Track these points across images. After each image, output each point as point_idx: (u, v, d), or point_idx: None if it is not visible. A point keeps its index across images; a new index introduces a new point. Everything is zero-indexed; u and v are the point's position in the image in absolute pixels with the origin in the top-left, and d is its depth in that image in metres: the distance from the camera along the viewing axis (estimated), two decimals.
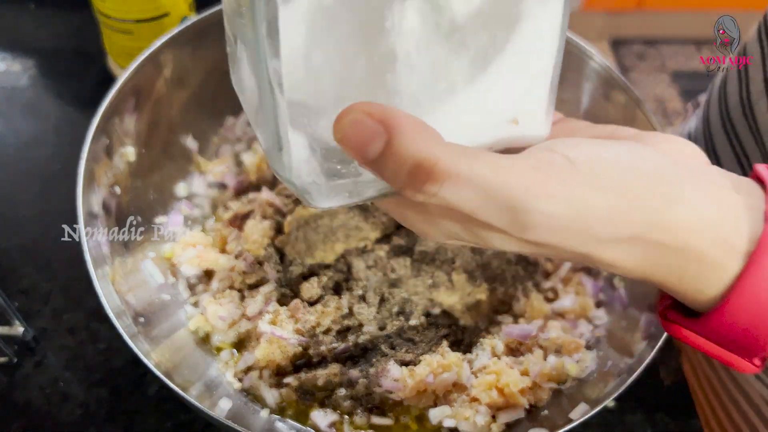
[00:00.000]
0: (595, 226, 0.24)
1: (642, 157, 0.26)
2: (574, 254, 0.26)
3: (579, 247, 0.25)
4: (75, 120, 0.61)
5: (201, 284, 0.50)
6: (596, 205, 0.24)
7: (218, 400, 0.43)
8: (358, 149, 0.23)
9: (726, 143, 0.51)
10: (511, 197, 0.23)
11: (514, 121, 0.27)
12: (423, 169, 0.23)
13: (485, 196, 0.23)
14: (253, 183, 0.54)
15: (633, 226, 0.25)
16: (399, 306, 0.48)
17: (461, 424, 0.43)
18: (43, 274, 0.53)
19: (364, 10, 0.23)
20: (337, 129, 0.23)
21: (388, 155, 0.23)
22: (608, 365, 0.44)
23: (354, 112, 0.23)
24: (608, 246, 0.25)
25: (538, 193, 0.24)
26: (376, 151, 0.23)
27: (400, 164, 0.23)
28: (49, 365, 0.49)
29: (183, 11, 0.59)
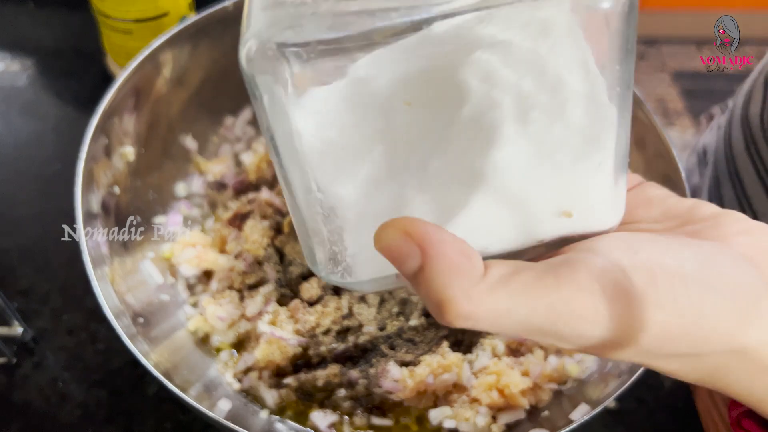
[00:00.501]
0: (651, 344, 0.23)
1: (715, 267, 0.23)
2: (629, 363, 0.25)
3: (633, 359, 0.24)
4: (74, 120, 0.61)
5: (200, 284, 0.50)
6: (654, 324, 0.22)
7: (217, 401, 0.43)
8: (396, 264, 0.23)
9: (749, 164, 0.51)
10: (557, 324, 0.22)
11: (565, 214, 0.25)
12: (451, 308, 0.22)
13: (527, 326, 0.22)
14: (253, 183, 0.54)
15: (697, 344, 0.23)
16: (399, 306, 0.47)
17: (461, 425, 0.43)
18: (42, 274, 0.53)
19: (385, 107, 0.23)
20: (377, 240, 0.23)
21: (421, 281, 0.22)
22: (609, 366, 0.44)
23: (394, 228, 0.22)
24: (668, 359, 0.24)
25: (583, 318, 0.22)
26: (411, 269, 0.22)
27: (428, 294, 0.22)
28: (48, 366, 0.49)
29: (182, 11, 0.58)
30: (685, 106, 1.65)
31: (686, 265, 0.23)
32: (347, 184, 0.24)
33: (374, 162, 0.24)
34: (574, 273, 0.22)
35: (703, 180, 0.60)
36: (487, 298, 0.22)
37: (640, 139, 0.47)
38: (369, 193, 0.24)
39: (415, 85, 0.23)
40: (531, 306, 0.22)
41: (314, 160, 0.24)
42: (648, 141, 0.47)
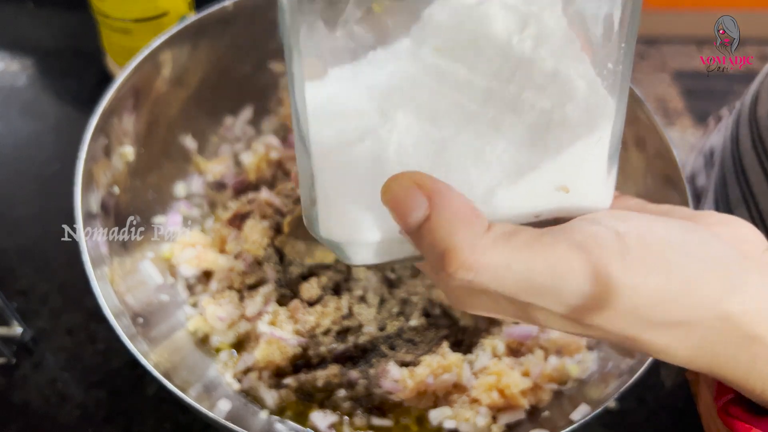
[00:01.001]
0: (642, 308, 0.23)
1: (699, 239, 0.24)
2: (621, 337, 0.24)
3: (625, 329, 0.24)
4: (73, 119, 0.61)
5: (200, 285, 0.50)
6: (644, 286, 0.23)
7: (217, 401, 0.43)
8: (400, 215, 0.23)
9: (756, 164, 0.51)
10: (554, 279, 0.23)
11: (563, 189, 0.25)
12: (454, 256, 0.22)
13: (525, 281, 0.23)
14: (253, 183, 0.54)
15: (685, 310, 0.24)
16: (399, 306, 0.47)
17: (461, 426, 0.43)
18: (41, 274, 0.53)
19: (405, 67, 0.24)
20: (385, 191, 0.23)
21: (426, 231, 0.23)
22: (609, 366, 0.44)
23: (404, 179, 0.23)
24: (658, 330, 0.24)
25: (581, 274, 0.23)
26: (416, 221, 0.23)
27: (433, 244, 0.23)
28: (47, 366, 0.49)
29: (182, 10, 0.58)
30: (685, 106, 1.65)
31: (674, 234, 0.24)
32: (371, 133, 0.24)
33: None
34: (572, 233, 0.23)
35: (710, 181, 0.60)
36: (490, 250, 0.22)
37: (640, 138, 0.47)
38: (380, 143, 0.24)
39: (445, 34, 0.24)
40: (531, 261, 0.23)
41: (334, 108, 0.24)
42: (648, 141, 0.47)
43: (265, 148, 0.55)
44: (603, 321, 0.24)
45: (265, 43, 0.54)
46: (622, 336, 0.24)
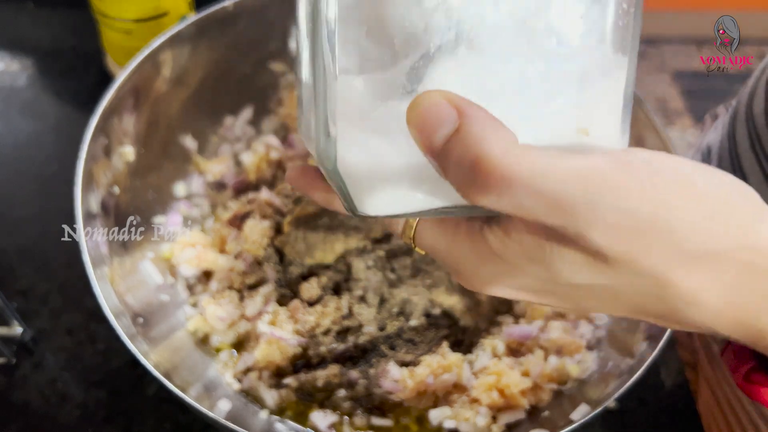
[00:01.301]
0: (680, 232, 0.22)
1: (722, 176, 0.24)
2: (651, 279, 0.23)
3: (658, 264, 0.22)
4: (74, 119, 0.61)
5: (200, 284, 0.50)
6: (679, 209, 0.22)
7: (217, 401, 0.43)
8: (427, 133, 0.22)
9: (754, 163, 0.51)
10: (589, 193, 0.21)
11: (583, 131, 0.25)
12: (487, 163, 0.21)
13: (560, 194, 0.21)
14: (253, 183, 0.54)
15: (717, 238, 0.22)
16: (399, 306, 0.47)
17: (461, 425, 0.43)
18: (41, 274, 0.53)
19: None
20: (412, 108, 0.22)
21: (455, 143, 0.22)
22: (609, 366, 0.44)
23: (433, 94, 0.22)
24: (690, 266, 0.22)
25: (616, 188, 0.21)
26: (444, 135, 0.22)
27: (464, 155, 0.21)
28: (47, 366, 0.49)
29: (182, 10, 0.58)
30: (685, 105, 1.65)
31: (698, 168, 0.23)
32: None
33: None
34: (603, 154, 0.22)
35: None
36: (524, 158, 0.21)
37: (640, 138, 0.47)
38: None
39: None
40: (565, 172, 0.21)
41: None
42: (648, 140, 0.47)
43: (265, 148, 0.55)
44: (639, 250, 0.22)
45: (265, 43, 0.54)
46: (652, 277, 0.23)
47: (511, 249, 0.25)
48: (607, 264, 0.23)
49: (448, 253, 0.27)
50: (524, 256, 0.24)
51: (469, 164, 0.21)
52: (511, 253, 0.25)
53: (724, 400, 0.54)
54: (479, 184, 0.22)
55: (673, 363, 0.51)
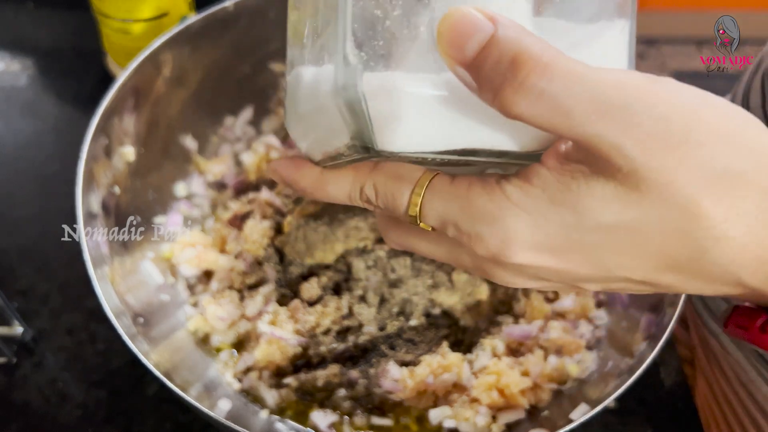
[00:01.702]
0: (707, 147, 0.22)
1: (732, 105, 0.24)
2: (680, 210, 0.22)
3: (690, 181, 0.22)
4: (74, 120, 0.61)
5: (200, 284, 0.50)
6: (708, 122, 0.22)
7: (218, 401, 0.43)
8: (460, 43, 0.22)
9: None
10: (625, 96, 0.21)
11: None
12: (527, 58, 0.21)
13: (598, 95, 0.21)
14: (253, 183, 0.54)
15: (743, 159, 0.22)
16: (399, 306, 0.47)
17: (461, 425, 0.43)
18: (42, 274, 0.53)
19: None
20: (445, 20, 0.22)
21: (492, 47, 0.21)
22: (609, 365, 0.44)
23: (465, 7, 0.22)
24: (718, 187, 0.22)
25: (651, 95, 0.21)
26: (478, 42, 0.21)
27: (502, 56, 0.21)
28: (47, 366, 0.49)
29: (182, 11, 0.58)
30: None
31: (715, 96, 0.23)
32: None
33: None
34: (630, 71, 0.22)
35: None
36: (563, 58, 0.21)
37: None
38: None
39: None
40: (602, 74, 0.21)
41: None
42: None
43: (265, 148, 0.55)
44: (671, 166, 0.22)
45: (266, 43, 0.54)
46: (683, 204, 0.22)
47: (533, 196, 0.24)
48: (639, 192, 0.22)
49: (463, 217, 0.25)
50: (548, 200, 0.24)
51: (507, 63, 0.21)
52: (534, 201, 0.24)
53: (721, 395, 0.54)
54: (517, 80, 0.21)
55: (672, 363, 0.51)
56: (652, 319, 0.43)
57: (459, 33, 0.22)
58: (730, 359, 0.52)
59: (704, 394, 0.55)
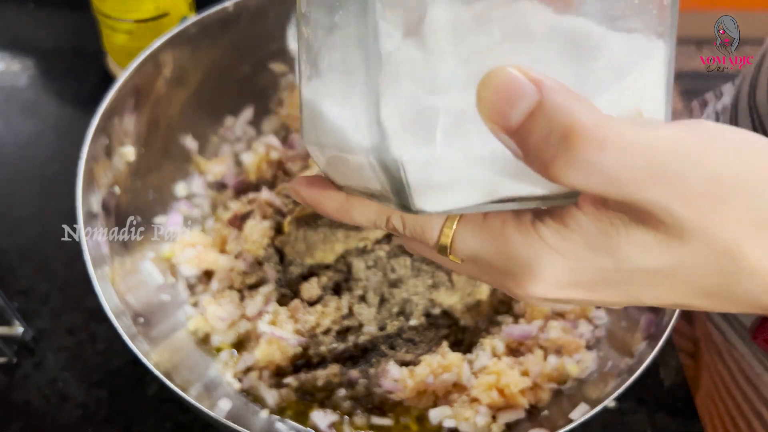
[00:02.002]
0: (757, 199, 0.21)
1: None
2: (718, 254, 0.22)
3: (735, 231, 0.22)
4: (74, 120, 0.61)
5: (200, 284, 0.50)
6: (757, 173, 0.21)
7: (218, 401, 0.43)
8: (504, 110, 0.20)
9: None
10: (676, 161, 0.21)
11: (638, 112, 0.24)
12: (581, 132, 0.20)
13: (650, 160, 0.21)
14: (253, 183, 0.54)
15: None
16: (399, 306, 0.47)
17: (461, 425, 0.43)
18: (42, 274, 0.53)
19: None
20: (485, 85, 0.21)
21: (539, 117, 0.20)
22: (608, 365, 0.44)
23: (507, 68, 0.20)
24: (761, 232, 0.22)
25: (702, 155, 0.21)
26: (524, 111, 0.20)
27: (552, 127, 0.20)
28: (48, 365, 0.49)
29: (183, 11, 0.58)
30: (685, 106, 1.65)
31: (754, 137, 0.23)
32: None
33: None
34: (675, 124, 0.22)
35: None
36: (615, 127, 0.20)
37: None
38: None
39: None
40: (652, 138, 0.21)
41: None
42: None
43: (265, 148, 0.55)
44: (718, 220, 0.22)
45: (266, 43, 0.54)
46: (724, 249, 0.22)
47: (570, 241, 0.23)
48: (681, 240, 0.22)
49: (496, 256, 0.25)
50: (586, 246, 0.23)
51: (559, 136, 0.20)
52: (570, 245, 0.24)
53: (724, 389, 0.54)
54: (571, 155, 0.20)
55: (672, 363, 0.51)
56: (652, 319, 0.43)
57: (502, 99, 0.21)
58: (736, 354, 0.52)
59: (706, 390, 0.55)
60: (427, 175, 0.23)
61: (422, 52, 0.22)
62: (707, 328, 0.56)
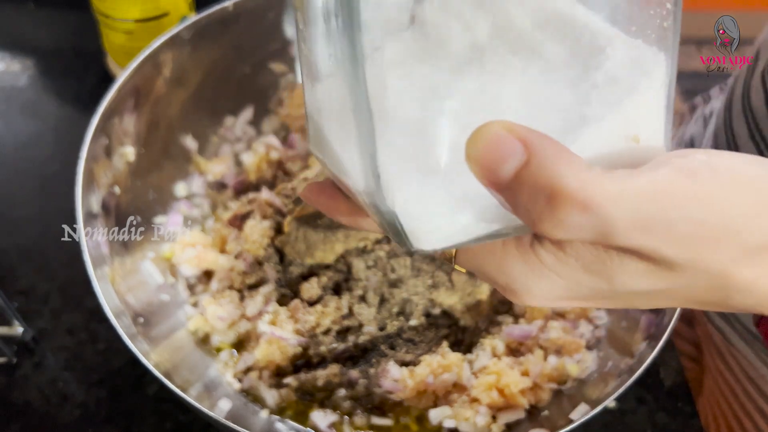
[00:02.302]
0: (745, 232, 0.22)
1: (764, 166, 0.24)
2: (710, 278, 0.23)
3: (724, 262, 0.23)
4: (74, 120, 0.61)
5: (200, 284, 0.50)
6: (744, 208, 0.22)
7: (218, 401, 0.43)
8: (491, 168, 0.21)
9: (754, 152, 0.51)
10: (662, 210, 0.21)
11: (634, 138, 0.24)
12: (566, 195, 0.20)
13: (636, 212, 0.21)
14: (253, 183, 0.54)
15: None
16: (399, 306, 0.47)
17: (461, 425, 0.43)
18: (42, 274, 0.53)
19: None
20: (472, 142, 0.21)
21: (525, 176, 0.21)
22: (609, 365, 0.44)
23: (493, 126, 0.21)
24: (753, 259, 0.23)
25: (688, 199, 0.21)
26: (510, 170, 0.21)
27: (537, 188, 0.21)
28: (48, 365, 0.49)
29: (182, 11, 0.58)
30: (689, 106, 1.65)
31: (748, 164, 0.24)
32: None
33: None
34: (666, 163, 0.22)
35: None
36: (600, 181, 0.21)
37: None
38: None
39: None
40: (638, 188, 0.21)
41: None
42: None
43: (265, 148, 0.55)
44: (707, 255, 0.22)
45: (266, 43, 0.54)
46: (715, 275, 0.23)
47: (567, 264, 0.24)
48: (672, 270, 0.23)
49: (497, 272, 0.26)
50: (582, 269, 0.24)
51: (544, 198, 0.21)
52: (568, 269, 0.24)
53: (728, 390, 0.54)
54: (556, 217, 0.21)
55: (672, 363, 0.51)
56: (652, 319, 0.43)
57: (489, 157, 0.21)
58: (738, 355, 0.52)
59: (709, 392, 0.55)
60: (422, 223, 0.23)
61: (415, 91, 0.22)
62: (708, 330, 0.56)
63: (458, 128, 0.22)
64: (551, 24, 0.23)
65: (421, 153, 0.22)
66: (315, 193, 0.29)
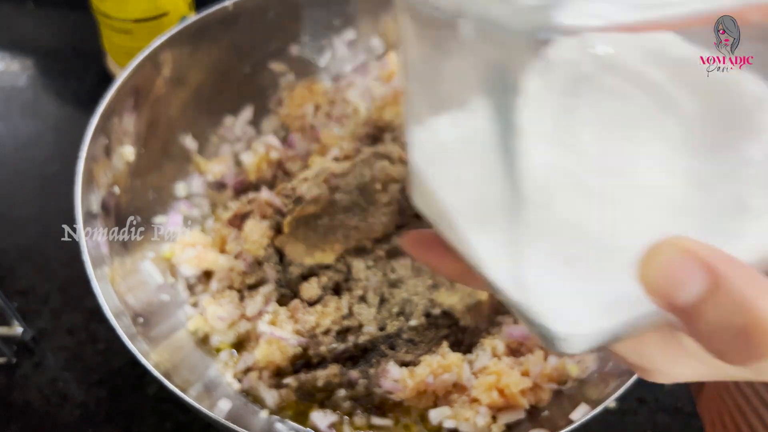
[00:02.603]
0: None
1: None
2: None
3: None
4: (74, 120, 0.61)
5: (200, 284, 0.50)
6: None
7: (217, 401, 0.43)
8: (667, 294, 0.19)
9: None
10: None
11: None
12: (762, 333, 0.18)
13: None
14: (253, 183, 0.54)
15: None
16: (399, 306, 0.47)
17: (461, 425, 0.43)
18: (42, 274, 0.53)
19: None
20: (647, 264, 0.19)
21: (711, 307, 0.18)
22: (609, 366, 0.44)
23: (671, 249, 0.18)
24: None
25: None
26: (690, 297, 0.18)
27: (726, 322, 0.18)
28: (48, 366, 0.49)
29: (182, 11, 0.58)
30: None
31: None
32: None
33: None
34: None
35: None
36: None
37: None
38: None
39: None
40: None
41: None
42: None
43: (265, 148, 0.55)
44: None
45: (266, 43, 0.54)
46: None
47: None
48: None
49: (629, 352, 0.24)
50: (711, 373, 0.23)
51: (734, 332, 0.18)
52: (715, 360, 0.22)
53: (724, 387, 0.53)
54: (752, 356, 0.19)
55: None
56: None
57: (666, 283, 0.18)
58: None
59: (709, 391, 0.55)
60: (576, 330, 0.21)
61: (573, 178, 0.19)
62: None
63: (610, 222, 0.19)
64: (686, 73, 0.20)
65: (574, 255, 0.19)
66: (421, 250, 0.26)
